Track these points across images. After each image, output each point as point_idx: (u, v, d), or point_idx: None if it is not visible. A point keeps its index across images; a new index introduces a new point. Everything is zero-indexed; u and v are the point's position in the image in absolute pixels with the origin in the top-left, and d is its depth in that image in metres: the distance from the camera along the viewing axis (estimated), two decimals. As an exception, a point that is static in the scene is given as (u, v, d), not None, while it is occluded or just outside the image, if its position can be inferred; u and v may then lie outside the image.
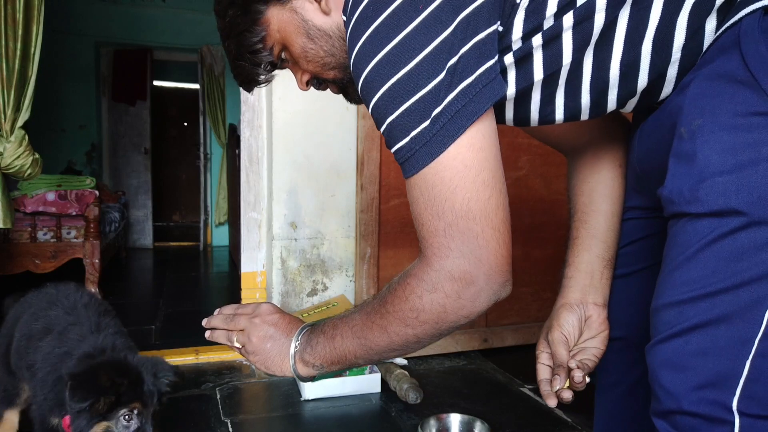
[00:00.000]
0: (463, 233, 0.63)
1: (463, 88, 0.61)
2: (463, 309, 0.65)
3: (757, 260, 0.58)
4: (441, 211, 0.63)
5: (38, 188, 3.19)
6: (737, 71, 0.59)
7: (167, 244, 5.87)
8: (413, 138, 0.62)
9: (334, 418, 1.75)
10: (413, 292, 0.67)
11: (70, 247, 3.16)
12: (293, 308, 2.21)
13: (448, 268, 0.64)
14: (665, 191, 0.65)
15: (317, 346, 0.78)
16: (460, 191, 0.62)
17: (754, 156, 0.57)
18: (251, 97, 2.24)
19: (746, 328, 0.58)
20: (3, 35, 2.06)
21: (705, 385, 0.60)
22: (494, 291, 0.65)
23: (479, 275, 0.64)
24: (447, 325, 0.68)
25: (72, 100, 5.22)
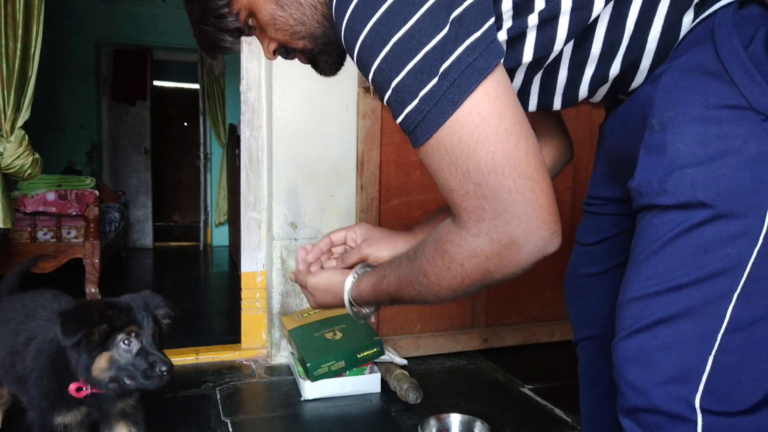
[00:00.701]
0: (495, 190, 0.57)
1: (472, 42, 0.56)
2: (508, 268, 0.61)
3: (721, 254, 0.57)
4: (466, 171, 0.58)
5: (38, 188, 3.19)
6: (709, 63, 0.58)
7: (167, 244, 5.87)
8: (423, 98, 0.57)
9: (334, 418, 1.75)
10: (453, 261, 0.63)
11: (70, 247, 3.16)
12: (293, 308, 2.22)
13: (486, 230, 0.59)
14: (634, 183, 0.65)
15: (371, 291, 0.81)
16: (483, 146, 0.57)
17: (723, 149, 0.57)
18: (251, 97, 2.24)
19: (709, 323, 0.58)
20: (3, 35, 2.06)
21: (669, 381, 0.59)
22: (539, 247, 0.59)
23: (518, 233, 0.58)
24: (495, 281, 0.64)
25: (72, 100, 5.22)
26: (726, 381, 0.58)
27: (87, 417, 1.19)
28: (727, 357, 0.58)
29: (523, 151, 0.58)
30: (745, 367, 0.58)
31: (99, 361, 1.08)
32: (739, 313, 0.58)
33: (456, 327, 2.34)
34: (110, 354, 1.09)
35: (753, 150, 0.56)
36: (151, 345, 1.12)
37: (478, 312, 2.36)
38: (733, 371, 0.58)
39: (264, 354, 2.28)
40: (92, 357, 1.07)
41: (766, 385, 0.59)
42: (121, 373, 1.09)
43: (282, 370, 2.15)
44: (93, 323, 1.06)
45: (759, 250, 0.56)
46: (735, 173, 0.56)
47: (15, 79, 2.09)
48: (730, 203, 0.57)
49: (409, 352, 2.23)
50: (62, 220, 3.19)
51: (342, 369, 1.90)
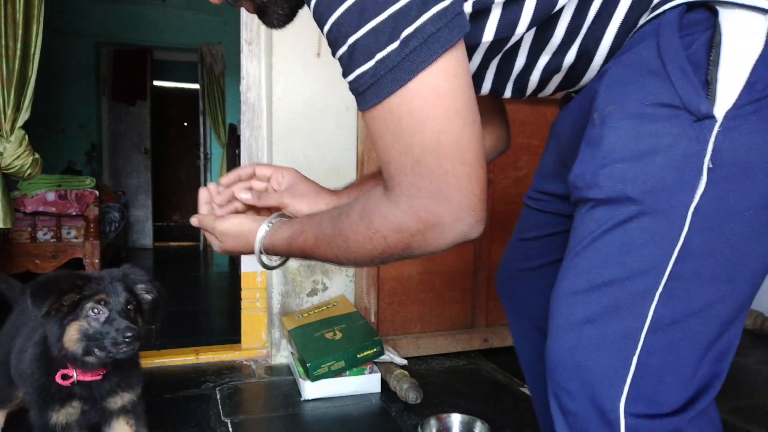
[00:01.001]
0: (432, 171, 0.57)
1: (439, 11, 0.53)
2: (428, 246, 0.62)
3: (644, 252, 0.57)
4: (409, 145, 0.57)
5: (38, 188, 3.19)
6: (651, 61, 0.58)
7: (167, 244, 5.87)
8: (379, 61, 0.54)
9: (334, 418, 1.75)
10: (378, 232, 0.63)
11: (70, 247, 3.16)
12: (293, 308, 2.22)
13: (416, 208, 0.59)
14: (571, 176, 0.65)
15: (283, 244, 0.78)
16: (431, 123, 0.55)
17: (654, 146, 0.57)
18: (251, 97, 2.24)
19: (633, 323, 0.58)
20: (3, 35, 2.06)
21: (594, 384, 0.59)
22: (462, 232, 0.60)
23: (446, 215, 0.59)
24: (412, 256, 0.65)
25: (72, 100, 5.22)
26: (650, 383, 0.58)
27: (84, 415, 1.17)
28: (650, 358, 0.57)
29: (468, 135, 0.57)
30: (669, 369, 0.58)
31: (69, 331, 1.06)
32: (661, 313, 0.58)
33: (456, 327, 2.34)
34: (79, 323, 1.06)
35: (681, 150, 0.56)
36: (120, 313, 1.08)
37: (478, 312, 2.36)
38: (657, 372, 0.58)
39: (264, 354, 2.28)
40: (62, 326, 1.06)
41: (691, 386, 0.58)
42: (91, 344, 1.06)
43: (282, 370, 2.15)
44: (61, 292, 1.04)
45: (680, 249, 0.56)
46: (662, 171, 0.56)
47: (15, 79, 2.09)
48: (656, 201, 0.57)
49: (409, 352, 2.23)
50: (62, 220, 3.19)
51: (342, 369, 1.90)
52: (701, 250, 0.57)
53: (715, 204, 0.56)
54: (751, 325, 2.66)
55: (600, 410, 0.59)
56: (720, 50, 0.54)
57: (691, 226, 0.56)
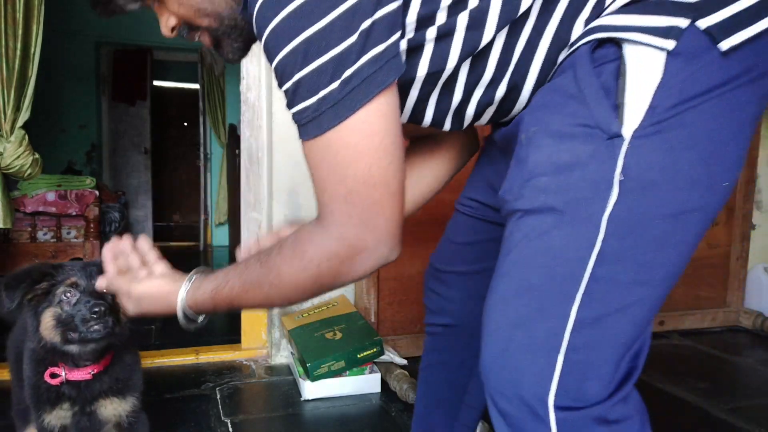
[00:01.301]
0: (363, 200, 0.64)
1: (376, 55, 0.60)
2: (355, 273, 0.68)
3: (566, 257, 0.63)
4: (344, 176, 0.63)
5: (38, 188, 3.19)
6: (569, 87, 0.65)
7: (167, 244, 5.87)
8: (321, 98, 0.60)
9: (334, 418, 1.75)
10: (312, 261, 0.68)
11: (70, 247, 3.16)
12: (293, 308, 2.21)
13: (346, 235, 0.65)
14: (501, 191, 0.71)
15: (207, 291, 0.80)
16: (364, 157, 0.62)
17: (573, 161, 0.63)
18: (251, 97, 2.24)
19: (557, 323, 0.63)
20: (3, 35, 2.06)
21: (525, 384, 0.64)
22: (384, 256, 0.68)
23: (372, 241, 0.66)
24: (338, 285, 0.71)
25: (72, 100, 5.22)
26: (575, 379, 0.63)
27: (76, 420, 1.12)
28: (575, 356, 0.62)
29: (393, 169, 0.65)
30: (592, 365, 0.63)
31: (44, 318, 1.04)
32: (583, 314, 0.63)
33: (456, 327, 2.34)
34: (53, 309, 1.04)
35: (596, 164, 0.62)
36: (93, 294, 1.04)
37: (478, 312, 2.36)
38: (582, 369, 0.63)
39: (264, 354, 2.28)
40: (38, 315, 1.04)
41: (613, 380, 0.64)
42: (67, 329, 1.03)
43: (282, 370, 2.15)
44: (33, 282, 1.03)
45: (597, 254, 0.62)
46: (580, 183, 0.63)
47: (15, 79, 2.09)
48: (574, 210, 0.63)
49: (409, 352, 2.23)
50: (62, 220, 3.19)
51: (342, 369, 1.90)
52: (616, 255, 0.62)
53: (626, 213, 0.62)
54: (751, 325, 2.66)
55: (532, 409, 0.64)
56: (626, 79, 0.62)
57: (607, 233, 0.62)
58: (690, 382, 2.03)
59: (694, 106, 0.61)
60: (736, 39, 0.60)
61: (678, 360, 2.30)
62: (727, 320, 2.71)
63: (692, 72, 0.60)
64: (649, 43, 0.61)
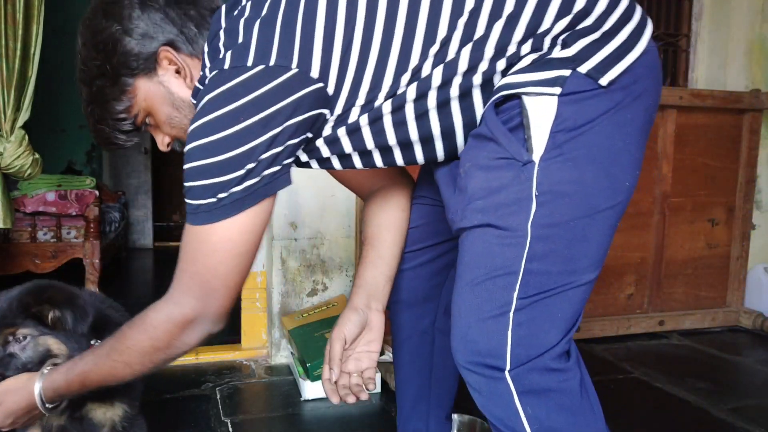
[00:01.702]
0: (204, 283, 0.85)
1: (247, 186, 0.80)
2: (184, 342, 0.88)
3: (505, 256, 0.80)
4: (196, 259, 0.85)
5: (38, 188, 3.19)
6: (485, 132, 0.83)
7: (167, 244, 5.86)
8: (201, 204, 0.81)
9: (334, 418, 1.75)
10: (151, 323, 0.88)
11: (70, 247, 3.16)
12: (293, 308, 2.22)
13: (183, 303, 0.85)
14: (449, 214, 0.90)
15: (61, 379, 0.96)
16: (217, 255, 0.83)
17: (499, 185, 0.80)
18: (251, 97, 2.24)
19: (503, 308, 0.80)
20: (3, 35, 2.06)
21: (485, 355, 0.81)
22: (207, 330, 0.88)
23: (203, 316, 0.86)
24: (172, 355, 0.90)
25: (72, 100, 5.20)
26: (525, 346, 0.80)
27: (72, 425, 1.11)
28: (521, 330, 0.80)
29: (237, 271, 0.85)
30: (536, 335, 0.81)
31: None
32: (522, 298, 0.80)
33: (456, 327, 2.34)
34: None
35: (516, 185, 0.79)
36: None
37: (478, 312, 2.36)
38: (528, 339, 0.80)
39: (264, 354, 2.28)
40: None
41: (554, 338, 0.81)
42: None
43: (282, 370, 2.15)
44: None
45: (527, 253, 0.79)
46: (507, 200, 0.80)
47: (15, 79, 2.09)
48: (506, 221, 0.80)
49: (409, 352, 2.23)
50: (62, 220, 3.19)
51: (342, 369, 1.89)
52: (543, 252, 0.79)
53: (546, 219, 0.79)
54: (751, 325, 2.66)
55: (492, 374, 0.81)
56: (528, 120, 0.80)
57: (532, 236, 0.79)
58: (690, 382, 2.03)
59: (587, 129, 0.78)
60: (612, 74, 0.78)
61: (678, 360, 2.30)
62: (727, 320, 2.71)
63: (581, 105, 0.78)
64: (542, 92, 0.79)
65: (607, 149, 0.80)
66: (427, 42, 0.82)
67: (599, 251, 0.83)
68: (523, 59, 0.82)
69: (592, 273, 0.83)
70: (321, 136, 0.89)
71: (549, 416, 0.80)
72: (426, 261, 1.17)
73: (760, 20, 2.85)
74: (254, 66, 0.79)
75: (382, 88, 0.84)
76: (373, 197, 1.18)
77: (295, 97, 0.80)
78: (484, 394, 0.84)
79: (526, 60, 0.82)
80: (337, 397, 1.05)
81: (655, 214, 2.58)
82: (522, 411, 0.80)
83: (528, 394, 0.80)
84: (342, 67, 0.82)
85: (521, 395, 0.80)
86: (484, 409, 0.86)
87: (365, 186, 1.19)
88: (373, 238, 1.14)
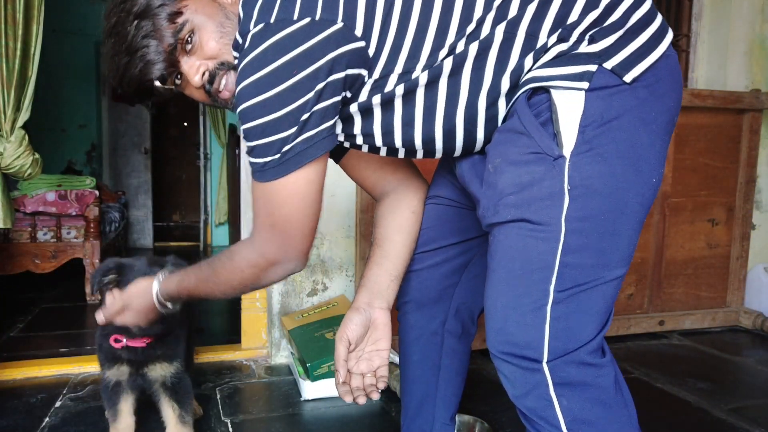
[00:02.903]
0: (282, 232, 0.90)
1: (307, 137, 0.84)
2: (270, 279, 0.96)
3: (539, 252, 0.81)
4: (272, 212, 0.89)
5: (38, 188, 3.19)
6: (517, 126, 0.84)
7: (167, 244, 5.87)
8: (266, 162, 0.85)
9: (334, 418, 1.75)
10: (239, 265, 0.96)
11: (70, 247, 3.16)
12: (293, 308, 2.21)
13: (266, 252, 0.92)
14: (480, 211, 0.91)
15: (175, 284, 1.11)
16: (288, 205, 0.88)
17: (531, 180, 0.81)
18: (251, 97, 2.24)
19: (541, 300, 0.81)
20: (3, 35, 2.05)
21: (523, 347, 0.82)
22: (291, 269, 0.95)
23: (283, 259, 0.92)
24: (259, 286, 0.99)
25: (72, 100, 5.22)
26: (562, 339, 0.81)
27: (132, 378, 1.38)
28: (558, 323, 0.81)
29: (310, 217, 0.91)
30: (573, 328, 0.82)
31: None
32: (559, 291, 0.81)
33: (456, 327, 2.34)
34: None
35: (548, 180, 0.80)
36: None
37: (478, 312, 2.36)
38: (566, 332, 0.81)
39: (264, 354, 2.28)
40: None
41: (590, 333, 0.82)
42: None
43: (282, 370, 2.15)
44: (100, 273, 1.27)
45: (562, 246, 0.80)
46: (539, 195, 0.81)
47: (15, 79, 2.09)
48: (538, 216, 0.81)
49: (409, 352, 2.23)
50: (62, 220, 3.19)
51: (342, 369, 1.89)
52: (578, 245, 0.80)
53: (578, 212, 0.80)
54: (751, 325, 2.66)
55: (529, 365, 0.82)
56: (557, 115, 0.81)
57: (566, 230, 0.80)
58: (690, 382, 2.03)
59: (614, 125, 0.79)
60: (636, 71, 0.80)
61: (678, 360, 2.30)
62: (727, 320, 2.71)
63: (607, 100, 0.80)
64: (570, 86, 0.80)
65: (634, 145, 0.80)
66: (463, 20, 0.84)
67: (629, 246, 0.83)
68: (550, 50, 0.83)
69: (623, 268, 0.83)
70: (357, 100, 0.89)
71: (583, 408, 0.81)
72: (439, 262, 1.17)
73: (760, 20, 2.85)
74: (300, 19, 0.80)
75: (420, 59, 0.85)
76: (385, 198, 1.18)
77: (340, 52, 0.81)
78: (518, 385, 0.85)
79: (552, 51, 0.83)
80: (351, 396, 1.07)
81: (655, 214, 2.58)
82: (557, 402, 0.82)
83: (564, 386, 0.81)
84: (383, 30, 0.84)
85: (557, 386, 0.81)
86: (517, 399, 0.87)
87: (378, 185, 1.19)
88: (381, 239, 1.14)
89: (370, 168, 1.18)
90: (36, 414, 1.70)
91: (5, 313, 2.83)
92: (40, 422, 1.65)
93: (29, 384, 1.95)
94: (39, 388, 1.91)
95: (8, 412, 1.71)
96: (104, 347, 1.36)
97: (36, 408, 1.75)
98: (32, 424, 1.64)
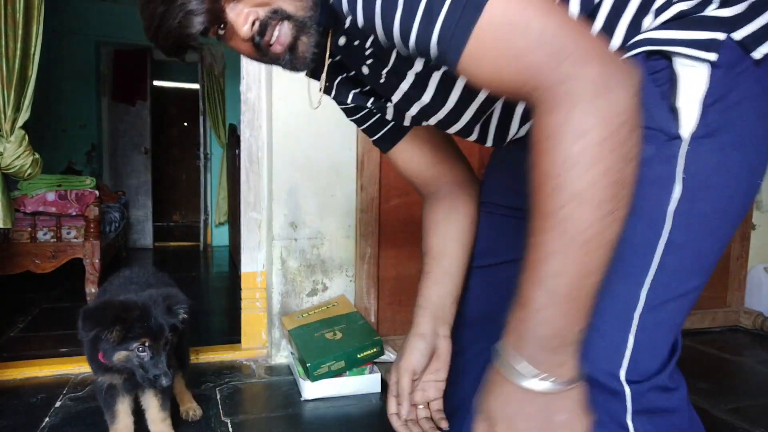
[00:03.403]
0: (571, 49, 0.57)
1: None
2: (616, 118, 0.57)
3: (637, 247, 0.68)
4: (526, 47, 0.58)
5: (38, 188, 3.19)
6: None
7: (167, 244, 5.87)
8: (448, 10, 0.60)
9: (334, 418, 1.75)
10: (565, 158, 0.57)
11: (70, 247, 3.16)
12: (293, 308, 2.22)
13: (579, 92, 0.56)
14: None
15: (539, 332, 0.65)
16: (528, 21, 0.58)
17: None
18: (251, 97, 2.24)
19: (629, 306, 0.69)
20: (3, 35, 2.06)
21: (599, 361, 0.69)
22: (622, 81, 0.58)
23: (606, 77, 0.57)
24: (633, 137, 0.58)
25: (72, 100, 5.22)
26: (644, 355, 0.69)
27: (126, 381, 1.38)
28: (643, 335, 0.69)
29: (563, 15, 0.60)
30: (656, 342, 0.70)
31: (117, 356, 1.28)
32: (651, 297, 0.68)
33: (456, 327, 2.34)
34: (127, 354, 1.28)
35: (658, 162, 0.67)
36: (160, 354, 1.30)
37: (478, 312, 2.36)
38: (649, 346, 0.69)
39: (264, 354, 2.28)
40: (113, 352, 1.28)
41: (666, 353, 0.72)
42: (135, 369, 1.30)
43: (282, 370, 2.15)
44: (107, 324, 1.25)
45: (665, 244, 0.67)
46: (645, 180, 0.64)
47: (15, 79, 2.09)
48: (643, 204, 0.65)
49: (409, 352, 2.23)
50: (62, 220, 3.19)
51: (342, 369, 1.89)
52: (681, 245, 0.67)
53: (689, 207, 0.67)
54: (751, 325, 2.66)
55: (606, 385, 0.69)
56: (678, 87, 0.66)
57: (673, 225, 0.67)
58: (690, 382, 2.02)
59: (737, 110, 0.66)
60: (766, 47, 0.65)
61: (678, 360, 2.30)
62: (727, 320, 2.71)
63: (734, 80, 0.66)
64: (695, 55, 0.65)
65: (750, 137, 0.68)
66: None
67: (720, 252, 0.72)
68: (673, 6, 0.68)
69: (707, 277, 0.73)
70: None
71: None
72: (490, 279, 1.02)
73: None
74: None
75: None
76: (437, 201, 1.05)
77: None
78: None
79: (674, 9, 0.68)
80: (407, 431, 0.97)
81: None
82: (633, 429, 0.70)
83: (641, 414, 0.70)
84: None
85: (635, 414, 0.70)
86: None
87: (432, 183, 1.04)
88: (439, 252, 1.01)
89: (426, 162, 1.02)
90: (36, 414, 1.71)
91: (5, 313, 2.84)
92: (39, 422, 1.65)
93: (29, 384, 1.95)
94: (39, 388, 1.91)
95: (8, 412, 1.72)
96: (94, 358, 1.35)
97: (36, 408, 1.75)
98: (32, 424, 1.64)
